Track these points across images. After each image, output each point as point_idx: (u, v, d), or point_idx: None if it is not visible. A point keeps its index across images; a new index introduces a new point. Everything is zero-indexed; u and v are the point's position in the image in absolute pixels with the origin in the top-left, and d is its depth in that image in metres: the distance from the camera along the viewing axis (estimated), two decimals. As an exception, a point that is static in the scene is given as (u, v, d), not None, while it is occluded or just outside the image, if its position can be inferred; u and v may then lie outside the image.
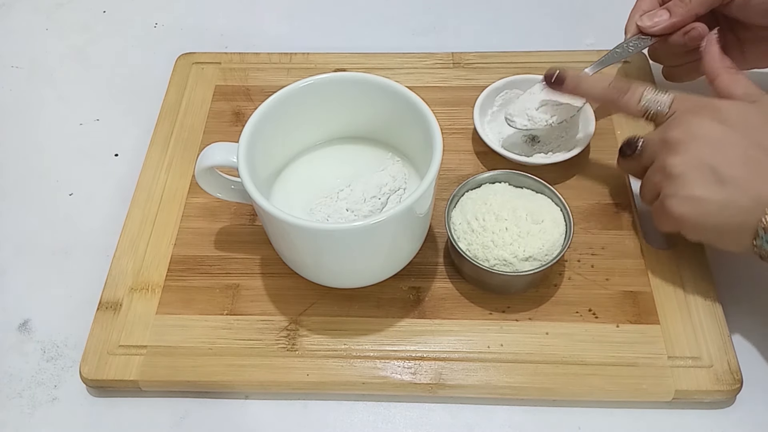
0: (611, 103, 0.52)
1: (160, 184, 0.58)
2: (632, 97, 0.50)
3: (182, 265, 0.53)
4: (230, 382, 0.48)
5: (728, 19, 0.55)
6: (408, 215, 0.44)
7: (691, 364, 0.47)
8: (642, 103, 0.49)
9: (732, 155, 0.45)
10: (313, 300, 0.51)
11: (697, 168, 0.45)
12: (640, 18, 0.55)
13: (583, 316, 0.49)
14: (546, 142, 0.58)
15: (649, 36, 0.55)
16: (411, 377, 0.47)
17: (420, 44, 0.70)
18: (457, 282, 0.51)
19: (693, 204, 0.45)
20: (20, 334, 0.52)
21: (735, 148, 0.45)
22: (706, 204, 0.44)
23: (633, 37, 0.56)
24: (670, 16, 0.54)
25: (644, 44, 0.56)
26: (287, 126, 0.50)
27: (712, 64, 0.50)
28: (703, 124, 0.46)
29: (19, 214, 0.59)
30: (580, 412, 0.47)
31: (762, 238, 0.43)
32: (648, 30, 0.55)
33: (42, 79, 0.70)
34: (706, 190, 0.44)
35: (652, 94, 0.49)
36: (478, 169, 0.58)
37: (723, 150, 0.45)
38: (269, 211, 0.43)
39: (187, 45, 0.69)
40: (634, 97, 0.50)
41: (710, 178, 0.44)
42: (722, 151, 0.45)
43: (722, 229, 0.45)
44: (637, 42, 0.56)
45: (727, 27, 0.57)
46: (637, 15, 0.56)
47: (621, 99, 0.50)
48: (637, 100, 0.49)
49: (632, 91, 0.50)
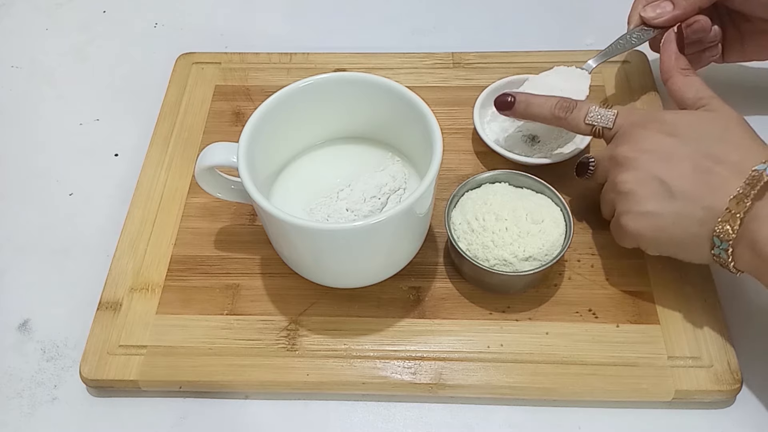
0: (559, 121, 0.51)
1: (160, 184, 0.58)
2: (578, 115, 0.50)
3: (182, 265, 0.53)
4: (230, 382, 0.48)
5: (730, 12, 0.56)
6: (408, 215, 0.44)
7: (691, 364, 0.47)
8: (587, 119, 0.50)
9: (681, 167, 0.44)
10: (313, 300, 0.51)
11: (647, 183, 0.45)
12: (644, 9, 0.55)
13: (583, 316, 0.49)
14: (546, 142, 0.58)
15: (651, 28, 0.55)
16: (411, 377, 0.47)
17: (420, 44, 0.70)
18: (457, 282, 0.51)
19: (647, 219, 0.45)
20: (20, 334, 0.52)
21: (684, 161, 0.45)
22: (660, 218, 0.45)
23: (636, 29, 0.56)
24: (673, 8, 0.54)
25: (647, 36, 0.56)
26: (287, 126, 0.50)
27: (667, 64, 0.51)
28: (650, 138, 0.46)
29: (19, 214, 0.59)
30: (580, 412, 0.47)
31: (719, 247, 0.43)
32: (651, 21, 0.55)
33: (42, 79, 0.70)
34: (658, 205, 0.44)
35: (596, 110, 0.49)
36: (478, 169, 0.58)
37: (672, 163, 0.45)
38: (269, 211, 0.43)
39: (187, 45, 0.69)
40: (579, 114, 0.50)
41: (661, 193, 0.44)
42: (671, 164, 0.45)
43: (679, 241, 0.45)
44: (640, 33, 0.56)
45: (728, 19, 0.57)
46: (640, 6, 0.56)
47: (567, 117, 0.51)
48: (582, 117, 0.50)
49: (578, 110, 0.50)
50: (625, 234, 0.47)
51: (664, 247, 0.46)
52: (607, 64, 0.62)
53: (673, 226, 0.44)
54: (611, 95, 0.62)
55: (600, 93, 0.62)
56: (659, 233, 0.45)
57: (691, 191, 0.44)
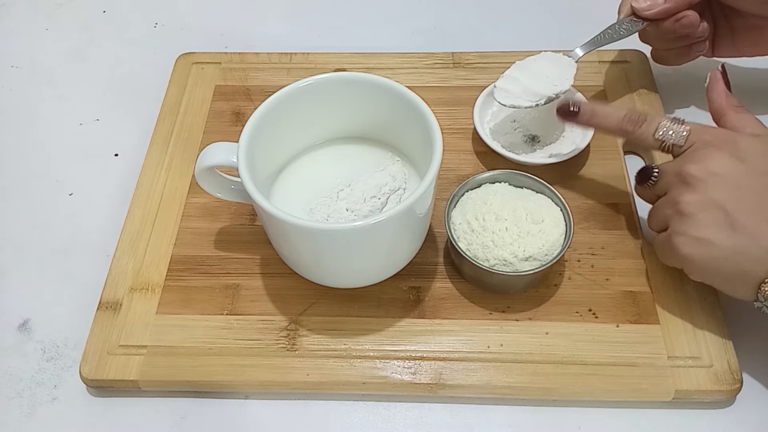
0: (626, 135, 0.49)
1: (160, 184, 0.58)
2: (648, 129, 0.48)
3: (182, 265, 0.53)
4: (230, 382, 0.48)
5: (722, 6, 0.56)
6: (408, 215, 0.44)
7: (691, 364, 0.47)
8: (658, 134, 0.48)
9: (747, 200, 0.43)
10: (313, 300, 0.51)
11: (711, 210, 0.44)
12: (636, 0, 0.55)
13: (583, 316, 0.49)
14: (546, 142, 0.58)
15: (641, 19, 0.55)
16: (411, 377, 0.47)
17: (420, 44, 0.70)
18: (457, 282, 0.51)
19: (701, 246, 0.44)
20: (20, 334, 0.52)
21: (751, 193, 0.43)
22: (715, 248, 0.43)
23: (626, 19, 0.56)
24: (665, 1, 0.54)
25: (636, 27, 0.56)
26: (287, 126, 0.50)
27: (718, 102, 0.49)
28: (722, 161, 0.44)
29: (19, 214, 0.59)
30: (580, 412, 0.47)
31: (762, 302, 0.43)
32: (642, 13, 0.55)
33: (42, 79, 0.70)
34: (717, 234, 0.43)
35: (669, 125, 0.47)
36: (478, 169, 0.58)
37: (738, 193, 0.44)
38: (269, 211, 0.43)
39: (187, 45, 0.69)
40: (650, 129, 0.48)
41: (722, 222, 0.43)
42: (737, 194, 0.44)
43: (727, 275, 0.44)
44: (629, 24, 0.56)
45: (719, 14, 0.57)
46: None
47: (636, 131, 0.49)
48: (652, 132, 0.48)
49: (648, 123, 0.48)
50: (673, 255, 0.46)
51: (709, 276, 0.45)
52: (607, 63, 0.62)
53: (726, 260, 0.43)
54: (611, 95, 0.62)
55: (600, 94, 0.62)
56: (710, 263, 0.44)
57: (753, 227, 0.43)
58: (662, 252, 0.48)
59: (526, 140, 0.58)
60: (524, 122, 0.59)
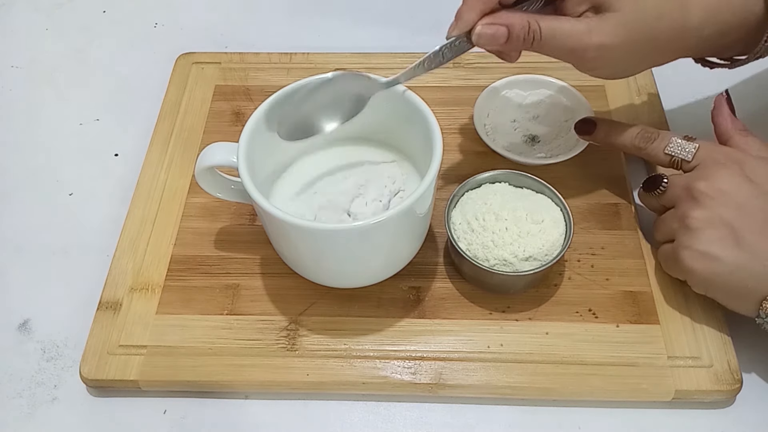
0: (639, 151, 0.51)
1: (160, 184, 0.58)
2: (659, 146, 0.50)
3: (182, 265, 0.53)
4: (230, 382, 0.48)
5: None
6: (408, 215, 0.44)
7: (691, 364, 0.47)
8: (667, 150, 0.49)
9: (753, 218, 0.44)
10: (313, 300, 0.51)
11: (717, 226, 0.45)
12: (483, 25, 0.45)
13: (583, 316, 0.49)
14: (546, 142, 0.58)
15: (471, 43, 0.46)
16: (411, 377, 0.47)
17: (420, 44, 0.70)
18: (457, 282, 0.51)
19: (706, 261, 0.45)
20: (20, 334, 0.52)
21: (758, 212, 0.45)
22: (719, 264, 0.44)
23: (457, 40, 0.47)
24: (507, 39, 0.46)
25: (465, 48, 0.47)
26: (287, 126, 0.50)
27: (724, 126, 0.50)
28: (730, 180, 0.46)
29: (19, 214, 0.59)
30: (580, 412, 0.47)
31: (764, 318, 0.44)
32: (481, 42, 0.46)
33: (42, 79, 0.70)
34: (722, 251, 0.44)
35: (677, 141, 0.49)
36: (478, 169, 0.57)
37: (745, 211, 0.45)
38: (269, 211, 0.43)
39: (187, 45, 0.69)
40: (660, 145, 0.49)
41: (728, 239, 0.44)
42: (744, 212, 0.45)
43: (730, 290, 0.45)
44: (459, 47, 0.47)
45: None
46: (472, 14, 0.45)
47: (647, 148, 0.50)
48: (662, 147, 0.49)
49: (659, 140, 0.50)
50: (678, 267, 0.47)
51: (712, 290, 0.46)
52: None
53: (730, 275, 0.44)
54: (611, 96, 0.62)
55: (600, 93, 0.62)
56: (714, 278, 0.45)
57: (758, 246, 0.44)
58: (667, 263, 0.49)
59: (526, 140, 0.58)
60: (524, 122, 0.59)
